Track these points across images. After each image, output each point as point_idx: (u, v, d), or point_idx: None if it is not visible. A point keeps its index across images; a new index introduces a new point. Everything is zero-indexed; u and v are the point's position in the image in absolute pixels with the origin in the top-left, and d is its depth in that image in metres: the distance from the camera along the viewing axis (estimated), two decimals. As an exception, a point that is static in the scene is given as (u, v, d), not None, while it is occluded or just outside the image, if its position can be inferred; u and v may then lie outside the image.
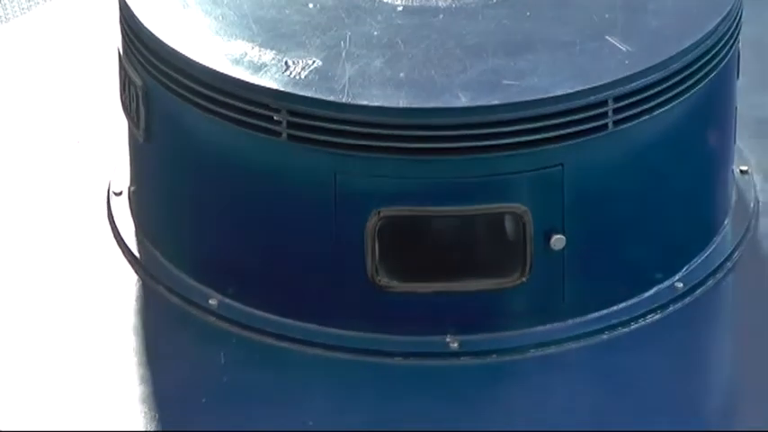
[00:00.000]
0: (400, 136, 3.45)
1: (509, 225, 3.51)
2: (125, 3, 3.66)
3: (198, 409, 3.57)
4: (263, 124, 3.48)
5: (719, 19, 3.58)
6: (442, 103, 3.44)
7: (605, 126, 3.44)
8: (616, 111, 3.45)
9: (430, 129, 3.45)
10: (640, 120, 3.51)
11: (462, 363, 3.55)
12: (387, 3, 3.64)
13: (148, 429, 3.57)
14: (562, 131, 3.45)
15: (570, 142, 3.47)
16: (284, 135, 3.46)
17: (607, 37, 3.54)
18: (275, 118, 3.46)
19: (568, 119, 3.44)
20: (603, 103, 3.42)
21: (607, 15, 3.62)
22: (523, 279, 3.49)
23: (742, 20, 3.70)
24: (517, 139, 3.44)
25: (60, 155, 4.06)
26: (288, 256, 3.61)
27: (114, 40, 3.77)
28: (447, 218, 3.53)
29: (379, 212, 3.47)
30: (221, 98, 3.50)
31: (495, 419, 3.52)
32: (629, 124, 3.49)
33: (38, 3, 4.88)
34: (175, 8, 3.66)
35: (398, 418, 3.51)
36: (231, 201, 3.65)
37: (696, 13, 3.63)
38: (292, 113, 3.45)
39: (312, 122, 3.46)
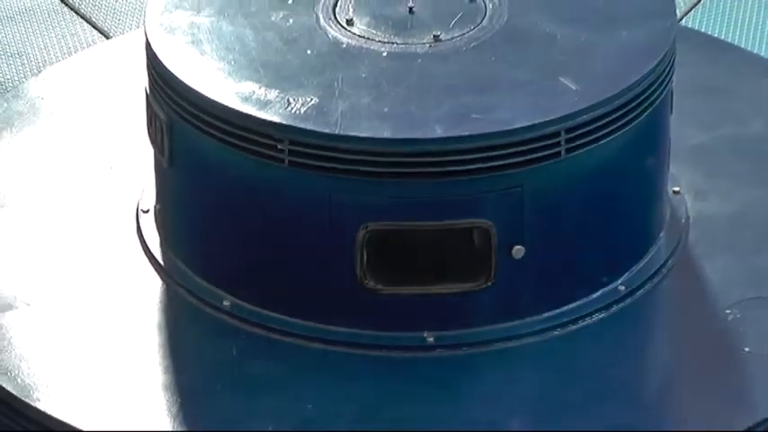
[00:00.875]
0: (385, 162, 3.47)
1: (477, 237, 3.53)
2: (151, 48, 3.68)
3: (213, 395, 3.59)
4: (269, 152, 3.50)
5: (655, 62, 3.60)
6: (420, 134, 3.47)
7: (558, 153, 3.46)
8: (568, 140, 3.48)
9: (410, 156, 3.47)
10: (588, 148, 3.52)
11: (437, 354, 3.58)
12: (373, 49, 3.65)
13: (171, 411, 3.56)
14: (522, 158, 3.47)
15: (529, 167, 3.48)
16: (286, 161, 3.48)
17: (560, 78, 3.55)
18: (279, 147, 3.48)
19: (527, 147, 3.46)
20: (557, 134, 3.45)
21: (560, 59, 3.64)
22: (489, 283, 3.52)
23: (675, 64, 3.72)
24: (483, 165, 3.46)
25: (97, 178, 4.05)
26: (289, 263, 3.62)
27: (142, 81, 3.79)
28: (425, 231, 3.54)
29: (366, 227, 3.49)
30: (233, 130, 3.52)
31: (464, 400, 3.54)
32: (579, 152, 3.51)
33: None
34: (194, 53, 3.67)
35: (385, 399, 3.54)
36: (241, 217, 3.66)
37: (635, 57, 3.65)
38: (293, 143, 3.47)
39: (310, 151, 3.48)
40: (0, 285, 3.82)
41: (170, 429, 3.52)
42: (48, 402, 3.52)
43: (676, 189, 3.85)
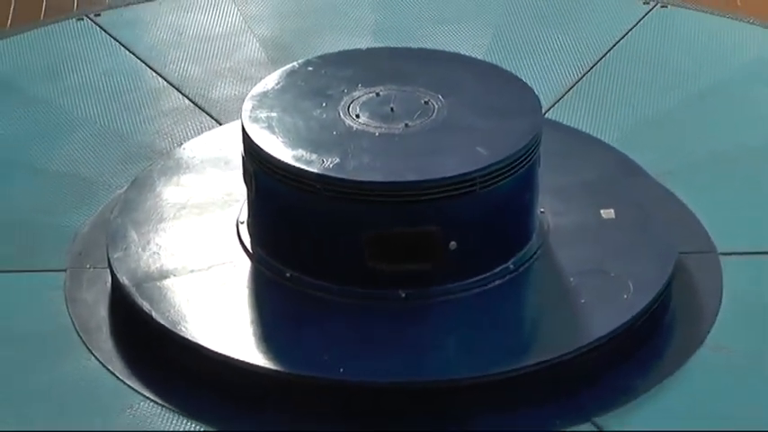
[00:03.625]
0: (376, 195, 3.50)
1: (431, 237, 3.54)
2: (245, 130, 3.67)
3: (282, 330, 3.59)
4: (311, 189, 3.52)
5: (530, 138, 3.61)
6: (398, 179, 3.51)
7: (475, 190, 3.50)
8: (481, 183, 3.50)
9: (392, 191, 3.50)
10: (493, 186, 3.52)
11: (408, 304, 3.58)
12: (370, 131, 3.64)
13: (259, 337, 3.55)
14: (455, 192, 3.49)
15: (459, 198, 3.51)
16: (321, 194, 3.51)
17: (477, 147, 3.58)
18: (317, 186, 3.51)
19: (458, 186, 3.49)
20: (474, 179, 3.49)
21: (476, 136, 3.64)
22: (437, 263, 3.54)
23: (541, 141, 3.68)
24: (435, 196, 3.48)
25: (220, 206, 3.94)
26: (325, 251, 3.62)
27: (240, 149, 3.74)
28: (403, 234, 3.53)
29: (368, 232, 3.52)
30: (291, 176, 3.54)
31: (419, 326, 3.58)
32: (487, 189, 3.51)
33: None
34: (268, 133, 3.65)
35: (376, 326, 3.54)
36: (295, 224, 3.66)
37: (518, 135, 3.62)
38: (325, 184, 3.50)
39: (334, 188, 3.50)
40: (160, 263, 3.74)
41: (258, 350, 3.48)
42: (190, 332, 3.51)
43: (542, 210, 3.81)
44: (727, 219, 4.06)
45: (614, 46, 4.88)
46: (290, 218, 3.70)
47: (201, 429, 3.36)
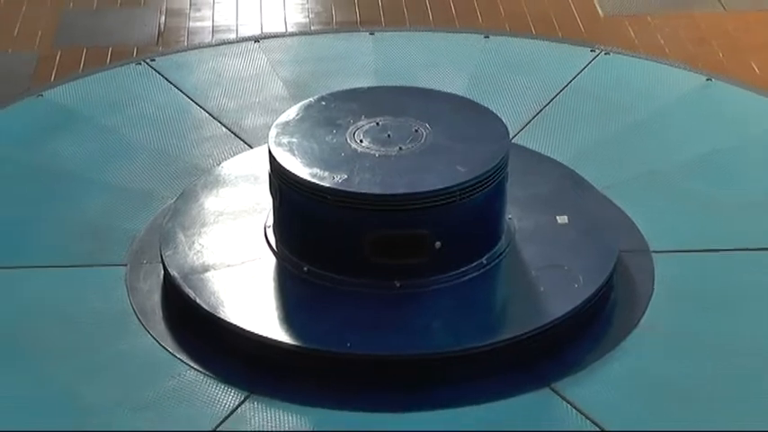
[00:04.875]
0: (376, 204, 3.49)
1: (420, 238, 3.53)
2: (271, 152, 3.65)
3: (302, 310, 3.60)
4: (323, 199, 3.50)
5: (499, 159, 3.59)
6: (393, 191, 3.50)
7: (455, 200, 3.49)
8: (460, 194, 3.49)
9: (389, 201, 3.49)
10: (470, 198, 3.51)
11: (402, 292, 3.56)
12: (371, 153, 3.62)
13: (284, 316, 3.56)
14: (440, 202, 3.48)
15: (443, 206, 3.50)
16: (332, 204, 3.50)
17: (457, 166, 3.56)
18: (327, 197, 3.50)
19: (442, 197, 3.48)
20: (455, 191, 3.48)
21: (456, 158, 3.61)
22: (426, 258, 3.53)
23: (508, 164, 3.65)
24: (424, 205, 3.48)
25: (250, 215, 3.90)
26: (334, 249, 3.60)
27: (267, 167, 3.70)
28: (398, 235, 3.52)
29: (369, 233, 3.51)
30: (306, 189, 3.53)
31: (410, 308, 3.56)
32: (466, 199, 3.50)
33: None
34: (289, 155, 3.63)
35: (376, 307, 3.52)
36: (311, 227, 3.64)
37: (489, 157, 3.60)
38: (334, 195, 3.49)
39: (342, 199, 3.49)
40: (203, 259, 3.73)
41: (281, 329, 3.49)
42: (227, 315, 3.51)
43: (510, 216, 3.79)
44: (658, 223, 4.03)
45: (567, 85, 4.85)
46: (307, 222, 3.68)
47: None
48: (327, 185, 3.54)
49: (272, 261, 3.74)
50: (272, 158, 3.68)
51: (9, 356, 3.55)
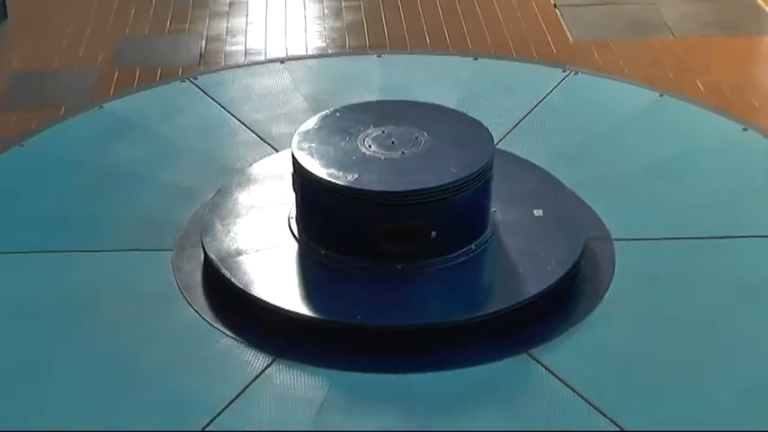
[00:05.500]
0: (383, 199, 3.49)
1: (419, 228, 3.53)
2: (294, 155, 3.64)
3: (320, 286, 3.60)
4: (338, 195, 3.51)
5: (485, 161, 3.59)
6: (397, 189, 3.50)
7: (448, 196, 3.49)
8: (453, 190, 3.50)
9: (393, 197, 3.49)
10: (461, 194, 3.51)
11: (403, 273, 3.56)
12: (379, 157, 3.62)
13: (307, 291, 3.56)
14: (436, 198, 3.49)
15: (439, 201, 3.50)
16: (345, 199, 3.51)
17: (450, 167, 3.56)
18: (342, 193, 3.50)
19: (438, 193, 3.49)
20: (449, 188, 3.48)
21: (449, 160, 3.60)
22: (423, 246, 3.53)
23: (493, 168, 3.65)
24: (424, 200, 3.48)
25: (276, 209, 3.88)
26: (347, 237, 3.60)
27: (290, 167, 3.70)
28: (403, 226, 3.51)
29: (380, 224, 3.51)
30: (325, 187, 3.53)
31: (411, 287, 3.56)
32: (458, 195, 3.51)
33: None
34: (309, 156, 3.62)
35: (385, 285, 3.53)
36: (328, 216, 3.63)
37: (477, 159, 3.60)
38: (347, 191, 3.50)
39: (353, 195, 3.50)
40: (237, 245, 3.72)
41: (302, 303, 3.49)
42: (257, 291, 3.52)
43: (494, 210, 3.77)
44: (618, 215, 4.01)
45: (542, 100, 4.80)
46: (324, 214, 3.67)
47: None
48: (341, 183, 3.53)
49: (294, 246, 3.74)
50: (294, 161, 3.68)
51: (80, 324, 3.56)
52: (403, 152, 3.67)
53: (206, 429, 3.07)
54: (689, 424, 3.13)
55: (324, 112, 3.98)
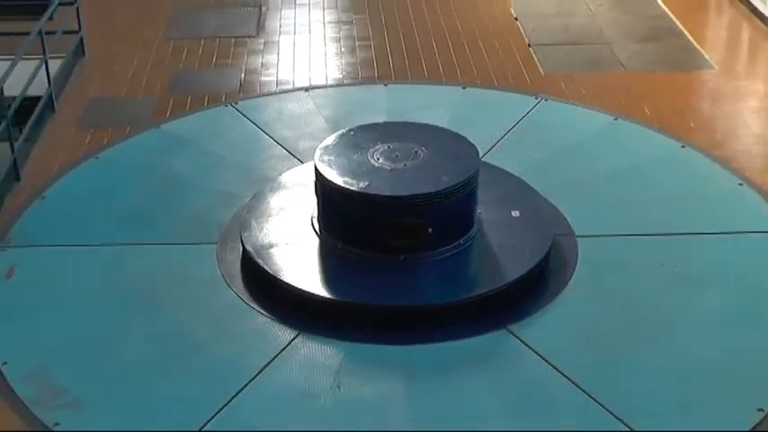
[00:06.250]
0: (388, 202, 3.49)
1: (418, 225, 3.52)
2: (316, 167, 3.62)
3: (337, 273, 3.57)
4: (352, 199, 3.50)
5: (472, 172, 3.58)
6: (399, 193, 3.49)
7: (441, 199, 3.49)
8: (446, 195, 3.47)
9: (397, 201, 3.49)
10: (454, 198, 3.50)
11: (405, 263, 3.54)
12: (386, 167, 3.61)
13: (327, 276, 3.52)
14: (432, 200, 3.49)
15: (435, 203, 3.49)
16: (357, 201, 3.49)
17: (443, 177, 3.55)
18: (355, 196, 3.49)
19: (434, 196, 3.48)
20: (442, 194, 3.48)
21: (442, 170, 3.58)
22: (421, 240, 3.51)
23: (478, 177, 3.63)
24: (422, 202, 3.48)
25: (300, 207, 3.86)
26: (359, 233, 3.57)
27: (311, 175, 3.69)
28: (406, 223, 3.50)
29: (383, 222, 3.49)
30: (341, 192, 3.52)
31: (412, 275, 3.52)
32: (451, 199, 3.49)
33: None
34: (328, 167, 3.61)
35: (388, 272, 3.49)
36: (343, 218, 3.61)
37: (464, 169, 3.59)
38: (361, 196, 3.50)
39: (365, 198, 3.49)
40: (269, 239, 3.68)
41: (323, 287, 3.45)
42: (286, 277, 3.50)
43: (480, 211, 3.74)
44: (581, 216, 3.98)
45: (519, 121, 4.76)
46: (340, 215, 3.66)
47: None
48: (354, 189, 3.53)
49: (315, 241, 3.73)
50: (316, 171, 3.67)
51: (145, 304, 3.55)
52: (405, 164, 3.66)
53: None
54: (639, 383, 3.11)
55: (340, 131, 3.96)
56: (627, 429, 2.95)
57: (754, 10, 5.64)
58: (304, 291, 3.46)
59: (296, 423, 3.01)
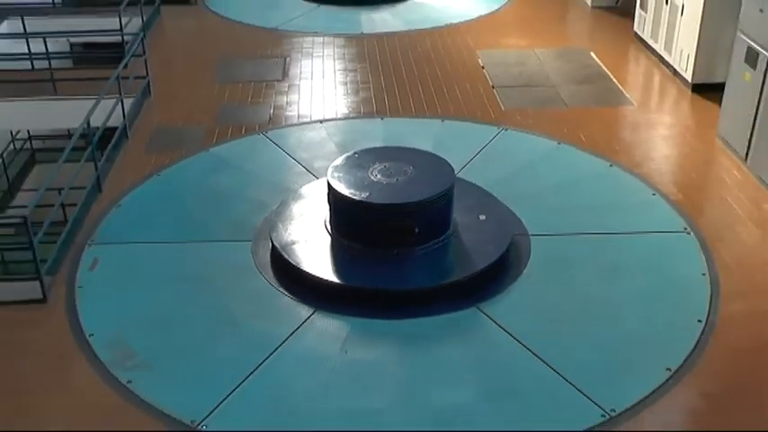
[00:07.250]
0: (385, 208, 3.43)
1: (408, 226, 3.46)
2: (329, 182, 3.52)
3: (345, 261, 3.47)
4: (356, 206, 3.44)
5: (449, 185, 3.49)
6: (393, 202, 3.44)
7: (427, 206, 3.39)
8: (430, 203, 3.43)
9: (390, 207, 3.43)
10: (434, 205, 3.41)
11: (398, 257, 3.47)
12: (383, 182, 3.54)
13: (337, 266, 3.44)
14: (419, 208, 3.42)
15: (420, 210, 3.44)
16: (361, 208, 3.42)
17: (427, 188, 3.49)
18: (361, 204, 3.42)
19: (423, 203, 3.43)
20: (426, 202, 3.39)
21: (427, 182, 3.52)
22: (411, 238, 3.40)
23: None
24: (414, 209, 3.43)
25: (316, 212, 3.75)
26: (362, 233, 3.49)
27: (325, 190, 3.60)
28: (400, 225, 3.43)
29: (381, 224, 3.43)
30: (347, 201, 3.46)
31: (403, 266, 3.42)
32: (432, 206, 3.43)
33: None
34: (338, 181, 3.52)
35: (384, 263, 3.42)
36: (349, 221, 3.54)
37: (442, 182, 3.52)
38: (362, 204, 3.43)
39: (366, 206, 3.43)
40: (292, 237, 3.63)
41: (334, 274, 3.36)
42: (305, 266, 3.43)
43: (455, 216, 3.67)
44: (534, 219, 3.93)
45: (485, 147, 4.71)
46: (347, 219, 3.61)
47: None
48: (358, 199, 3.49)
49: (328, 239, 3.67)
50: (329, 185, 3.63)
51: (197, 288, 3.50)
52: (397, 179, 3.61)
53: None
54: (579, 349, 3.06)
55: (347, 154, 3.91)
56: (570, 384, 2.92)
57: (662, 59, 5.77)
58: (319, 277, 3.42)
59: (313, 379, 2.96)
